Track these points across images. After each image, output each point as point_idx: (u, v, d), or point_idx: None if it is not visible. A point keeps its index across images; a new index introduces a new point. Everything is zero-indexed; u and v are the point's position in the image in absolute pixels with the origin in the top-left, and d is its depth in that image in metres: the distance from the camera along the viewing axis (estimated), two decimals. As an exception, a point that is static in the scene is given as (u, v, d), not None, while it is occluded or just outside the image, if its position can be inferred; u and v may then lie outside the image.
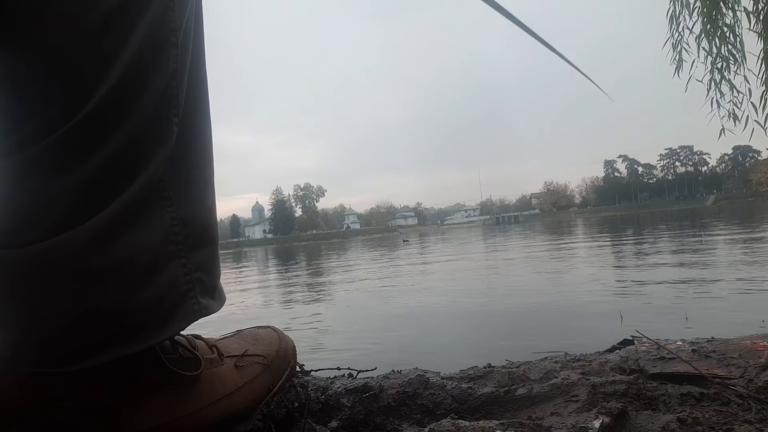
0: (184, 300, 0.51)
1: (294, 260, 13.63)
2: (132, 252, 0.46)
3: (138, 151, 0.46)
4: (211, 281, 0.55)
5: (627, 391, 0.64)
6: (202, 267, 0.53)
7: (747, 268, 3.81)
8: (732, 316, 2.22)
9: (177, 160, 0.50)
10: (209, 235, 0.55)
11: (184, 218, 0.51)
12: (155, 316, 0.49)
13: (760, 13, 2.61)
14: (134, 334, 0.48)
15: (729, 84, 2.88)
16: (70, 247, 0.43)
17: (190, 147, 0.52)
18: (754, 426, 0.53)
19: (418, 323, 2.74)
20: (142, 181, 0.47)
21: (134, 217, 0.46)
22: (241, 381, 0.61)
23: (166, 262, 0.49)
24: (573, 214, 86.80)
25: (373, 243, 27.89)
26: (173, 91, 0.49)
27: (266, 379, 0.64)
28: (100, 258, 0.44)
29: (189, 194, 0.52)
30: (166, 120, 0.48)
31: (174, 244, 0.50)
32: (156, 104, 0.47)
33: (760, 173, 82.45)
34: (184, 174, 0.51)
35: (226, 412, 0.58)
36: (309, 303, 4.18)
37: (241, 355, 0.63)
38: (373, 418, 0.67)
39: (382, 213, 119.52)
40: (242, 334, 0.71)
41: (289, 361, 0.69)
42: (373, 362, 0.83)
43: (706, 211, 34.67)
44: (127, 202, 0.46)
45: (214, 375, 0.58)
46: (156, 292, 0.48)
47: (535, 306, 2.97)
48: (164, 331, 0.50)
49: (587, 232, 15.28)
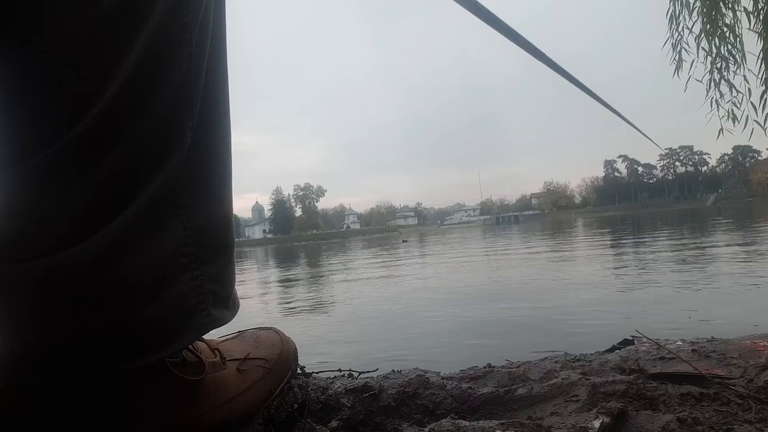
0: (195, 313, 0.49)
1: (294, 261, 13.64)
2: (140, 268, 0.44)
3: (147, 161, 0.44)
4: (225, 291, 0.54)
5: (627, 391, 0.64)
6: (216, 277, 0.52)
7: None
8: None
9: (193, 168, 0.47)
10: (225, 244, 0.53)
11: (199, 228, 0.49)
12: (164, 331, 0.47)
13: (760, 13, 2.61)
14: (142, 349, 0.46)
15: (728, 84, 2.88)
16: (73, 265, 0.41)
17: (208, 153, 0.49)
18: (754, 426, 0.53)
19: (419, 323, 2.74)
20: (152, 192, 0.44)
21: (144, 231, 0.44)
22: (244, 385, 0.60)
23: (177, 276, 0.47)
24: (573, 214, 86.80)
25: (372, 243, 27.90)
26: (186, 93, 0.45)
27: (268, 383, 0.63)
28: (105, 276, 0.42)
29: (205, 203, 0.49)
30: (178, 126, 0.45)
31: (186, 256, 0.48)
32: (167, 108, 0.44)
33: (760, 173, 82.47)
34: (200, 182, 0.49)
35: (228, 416, 0.57)
36: (309, 303, 4.18)
37: (243, 359, 0.63)
38: (373, 418, 0.67)
39: (382, 213, 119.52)
40: (244, 336, 0.70)
41: (290, 363, 0.69)
42: (372, 362, 0.83)
43: (706, 211, 34.68)
44: (136, 215, 0.43)
45: (216, 379, 0.57)
46: (166, 306, 0.46)
47: (536, 306, 2.97)
48: (173, 345, 0.49)
49: (589, 232, 15.28)
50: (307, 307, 3.86)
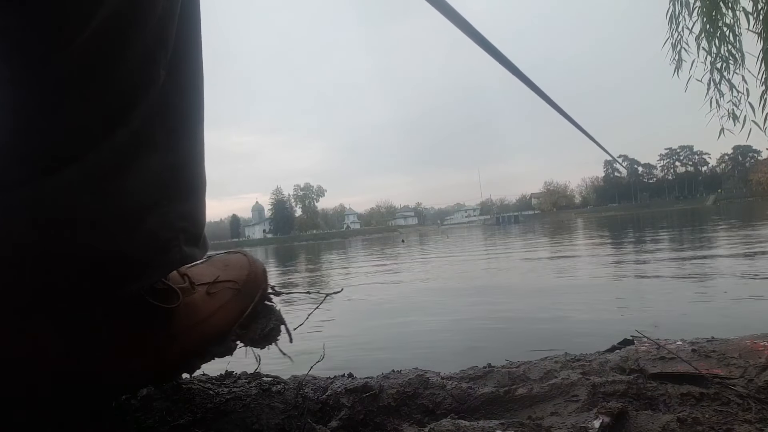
0: (168, 248, 0.52)
1: (293, 262, 13.64)
2: (115, 201, 0.46)
3: (124, 97, 0.45)
4: (195, 229, 0.56)
5: (627, 391, 0.64)
6: (187, 216, 0.54)
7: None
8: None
9: (167, 106, 0.49)
10: (196, 183, 0.55)
11: (171, 166, 0.50)
12: (139, 264, 0.50)
13: (760, 13, 2.61)
14: (117, 281, 0.49)
15: (728, 84, 2.88)
16: (50, 195, 0.43)
17: (180, 94, 0.51)
18: (754, 426, 0.53)
19: (419, 323, 2.74)
20: (128, 128, 0.45)
21: (118, 165, 0.46)
22: (214, 307, 0.63)
23: (151, 210, 0.49)
24: (573, 214, 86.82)
25: (372, 243, 27.91)
26: (162, 33, 0.46)
27: (238, 303, 0.66)
28: (81, 208, 0.44)
29: (178, 142, 0.51)
30: (152, 63, 0.46)
31: (159, 191, 0.50)
32: (142, 46, 0.45)
33: (760, 173, 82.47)
34: (173, 121, 0.50)
35: (201, 336, 0.60)
36: (309, 302, 4.19)
37: (212, 282, 0.65)
38: (373, 418, 0.67)
39: (382, 213, 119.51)
40: (212, 261, 0.72)
41: (260, 284, 0.70)
42: (373, 361, 0.83)
43: (706, 211, 34.70)
44: (111, 149, 0.45)
45: (187, 303, 0.60)
46: (139, 239, 0.49)
47: (536, 306, 2.97)
48: (147, 278, 0.53)
49: (589, 232, 15.29)
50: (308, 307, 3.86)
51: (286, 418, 0.64)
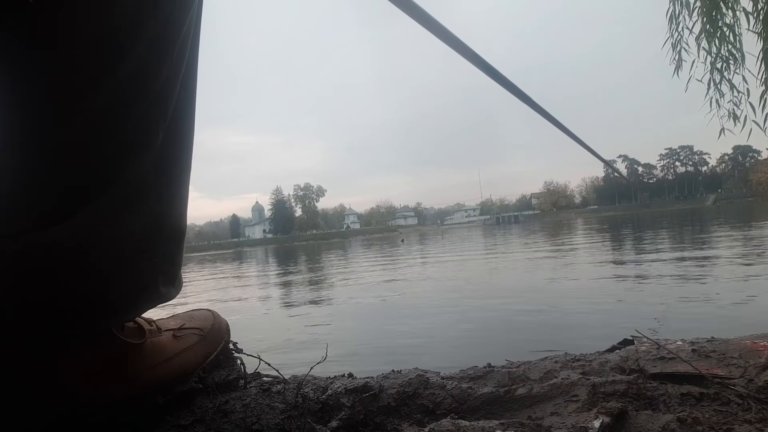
0: (147, 288, 0.56)
1: (293, 262, 13.65)
2: (108, 247, 0.50)
3: (124, 157, 0.50)
4: (173, 271, 0.61)
5: (627, 391, 0.64)
6: (168, 259, 0.59)
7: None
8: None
9: (162, 164, 0.54)
10: (179, 230, 0.60)
11: (159, 215, 0.55)
12: (119, 304, 0.54)
13: (760, 13, 2.61)
14: (97, 320, 0.53)
15: (729, 84, 2.88)
16: (50, 242, 0.46)
17: (174, 150, 0.55)
18: (754, 426, 0.53)
19: (418, 323, 2.73)
20: (125, 184, 0.50)
21: (114, 216, 0.50)
22: (179, 348, 0.67)
23: (137, 256, 0.54)
24: (573, 214, 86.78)
25: (372, 242, 27.90)
26: (164, 98, 0.51)
27: (203, 348, 0.71)
28: (76, 254, 0.48)
29: (167, 194, 0.56)
30: (153, 127, 0.51)
31: (146, 239, 0.54)
32: (146, 112, 0.50)
33: (760, 173, 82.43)
34: (166, 177, 0.55)
35: (165, 374, 0.64)
36: (309, 304, 4.18)
37: (179, 328, 0.70)
38: (373, 418, 0.67)
39: (382, 213, 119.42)
40: (178, 315, 0.77)
41: (223, 335, 0.76)
42: (373, 361, 0.83)
43: (706, 211, 34.69)
44: (109, 202, 0.49)
45: (153, 343, 0.64)
46: (126, 282, 0.54)
47: (536, 306, 2.97)
48: (125, 317, 0.57)
49: (589, 232, 15.30)
50: (307, 307, 3.86)
51: (286, 418, 0.64)
